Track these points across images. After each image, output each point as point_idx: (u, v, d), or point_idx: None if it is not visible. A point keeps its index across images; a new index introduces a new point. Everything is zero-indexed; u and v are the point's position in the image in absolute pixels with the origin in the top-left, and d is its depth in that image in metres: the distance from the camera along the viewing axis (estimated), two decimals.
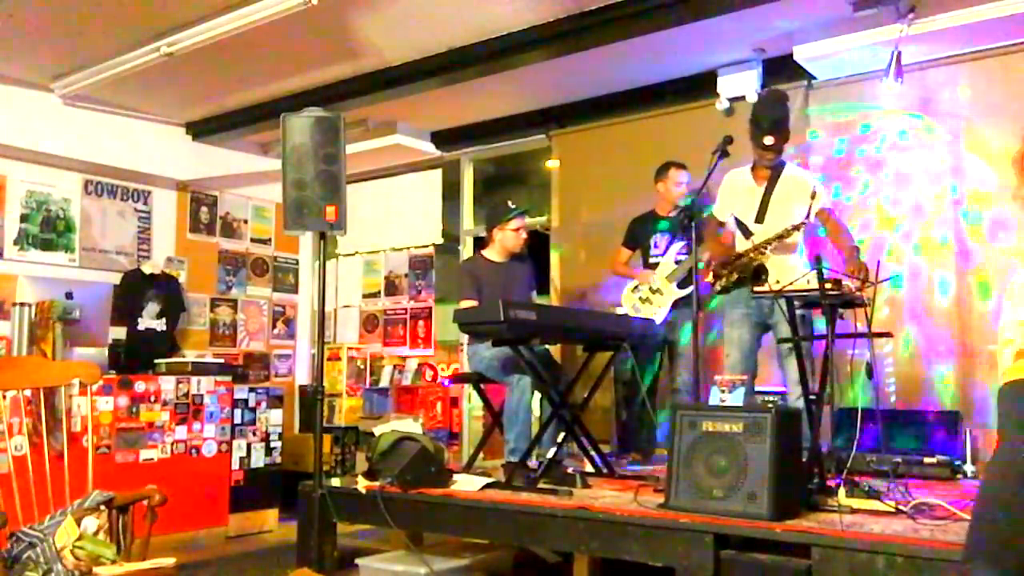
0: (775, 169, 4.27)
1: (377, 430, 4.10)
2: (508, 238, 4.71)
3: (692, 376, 4.86)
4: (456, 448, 6.35)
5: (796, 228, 4.03)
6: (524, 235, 4.77)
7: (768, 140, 4.16)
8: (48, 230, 6.16)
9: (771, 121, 4.19)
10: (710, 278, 4.18)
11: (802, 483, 3.22)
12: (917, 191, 4.86)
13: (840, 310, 3.47)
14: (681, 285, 4.89)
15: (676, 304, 4.90)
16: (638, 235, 5.19)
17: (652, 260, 5.06)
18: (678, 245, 4.97)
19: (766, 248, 4.07)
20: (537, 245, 5.85)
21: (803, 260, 4.21)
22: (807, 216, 4.02)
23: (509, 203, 4.76)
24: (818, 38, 4.73)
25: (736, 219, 4.35)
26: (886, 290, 4.64)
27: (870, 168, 5.02)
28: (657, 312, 4.88)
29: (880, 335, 3.78)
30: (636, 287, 5.03)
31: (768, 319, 4.20)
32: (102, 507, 2.81)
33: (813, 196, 4.04)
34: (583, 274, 5.98)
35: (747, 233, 4.25)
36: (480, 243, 6.86)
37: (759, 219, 4.23)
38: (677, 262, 4.92)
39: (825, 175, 5.04)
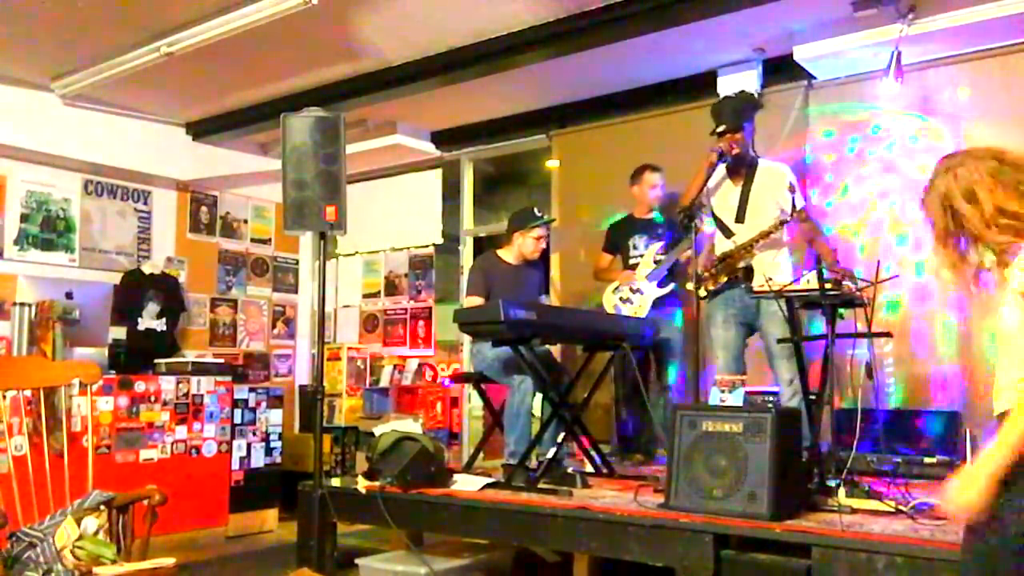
0: (750, 166, 4.26)
1: (377, 430, 4.10)
2: (527, 244, 4.71)
3: (681, 374, 4.91)
4: (456, 448, 6.35)
5: (782, 224, 4.00)
6: (543, 245, 4.77)
7: (719, 128, 4.17)
8: (48, 230, 6.16)
9: (716, 114, 4.25)
10: (690, 286, 4.14)
11: (802, 483, 3.23)
12: (917, 191, 4.83)
13: (840, 310, 3.47)
14: (661, 284, 4.93)
15: (656, 303, 4.92)
16: (617, 239, 5.25)
17: (632, 262, 5.10)
18: (656, 245, 5.02)
19: (753, 247, 4.06)
20: None
21: (790, 258, 4.22)
22: (792, 210, 3.99)
23: (536, 210, 4.77)
24: (818, 38, 4.73)
25: (716, 219, 4.34)
26: (886, 290, 4.64)
27: (869, 168, 5.00)
28: (638, 311, 4.91)
29: (880, 335, 3.78)
30: (616, 288, 5.08)
31: (754, 321, 4.19)
32: (102, 507, 2.81)
33: (792, 189, 4.02)
34: (583, 274, 5.97)
35: (728, 233, 4.24)
36: (480, 243, 6.90)
37: (739, 218, 4.22)
38: (656, 262, 4.96)
39: (826, 175, 5.05)
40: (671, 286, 4.96)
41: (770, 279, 3.68)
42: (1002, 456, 1.77)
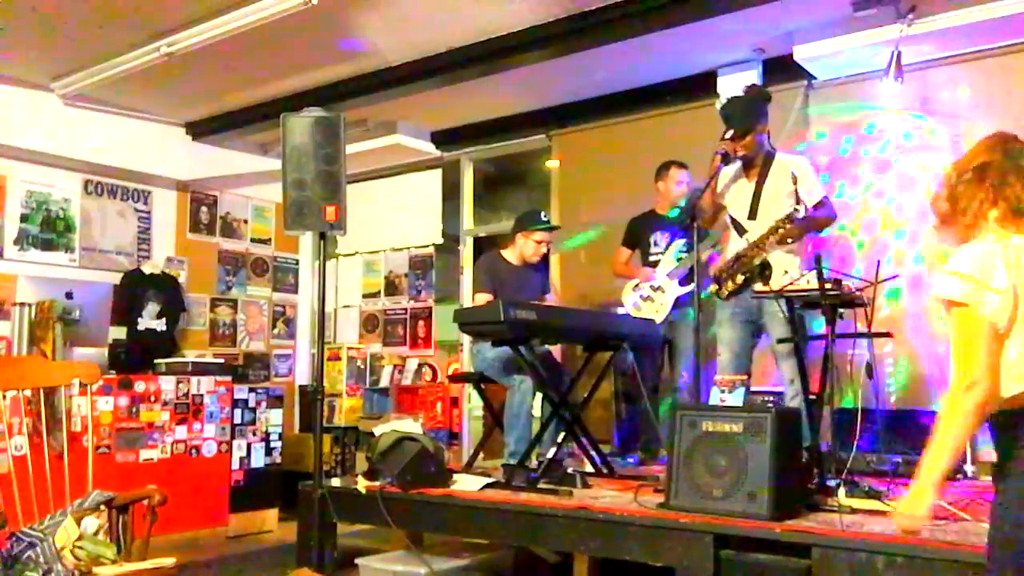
0: (765, 163, 4.20)
1: (377, 430, 4.09)
2: (528, 247, 4.71)
3: (692, 376, 4.88)
4: (456, 448, 6.35)
5: (789, 219, 3.93)
6: (544, 249, 4.76)
7: (727, 134, 4.08)
8: (48, 230, 6.16)
9: (726, 117, 4.17)
10: (713, 288, 4.13)
11: (802, 483, 3.23)
12: (917, 191, 4.86)
13: (840, 310, 3.47)
14: (683, 283, 4.89)
15: (678, 302, 4.89)
16: (638, 234, 5.16)
17: (652, 258, 5.05)
18: (679, 243, 4.95)
19: (764, 243, 4.02)
20: None
21: (798, 258, 4.19)
22: (796, 202, 3.94)
23: (542, 214, 4.76)
24: (818, 38, 4.73)
25: (730, 217, 4.31)
26: (886, 290, 4.64)
27: (870, 168, 5.02)
28: (659, 310, 4.87)
29: (880, 335, 3.77)
30: (637, 285, 5.00)
31: (758, 319, 4.17)
32: (102, 507, 2.81)
33: (795, 180, 3.94)
34: (583, 274, 5.98)
35: (741, 231, 4.21)
36: (480, 243, 6.90)
37: (751, 215, 4.18)
38: (678, 260, 4.91)
39: (826, 175, 5.05)
40: (693, 285, 4.92)
41: (786, 272, 3.65)
42: (939, 464, 1.91)
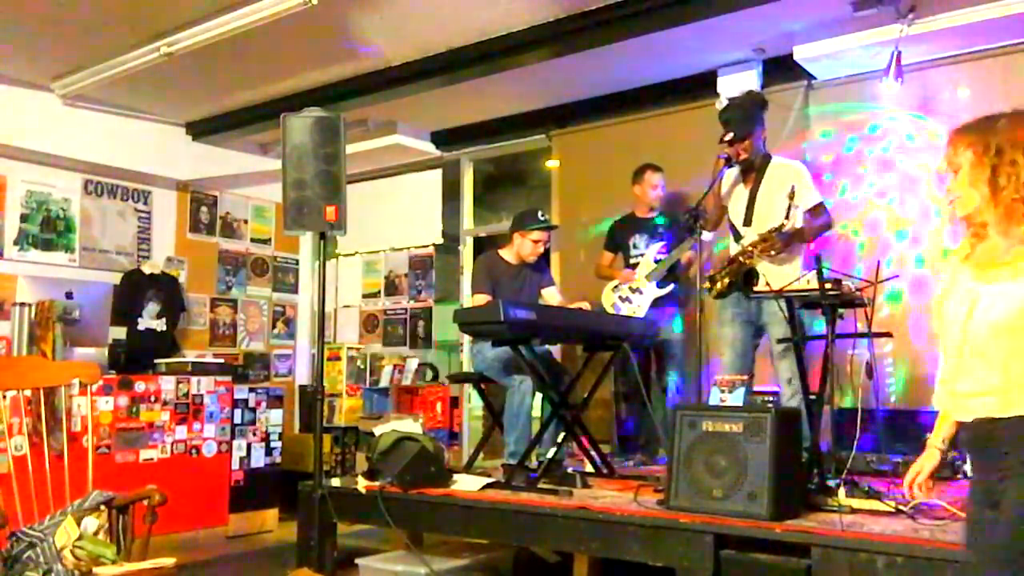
0: (761, 168, 4.23)
1: (377, 430, 4.10)
2: (525, 246, 4.71)
3: (681, 376, 4.91)
4: (456, 448, 6.35)
5: (776, 231, 3.93)
6: (541, 249, 4.77)
7: (726, 137, 4.12)
8: (48, 230, 6.16)
9: (725, 122, 4.19)
10: (707, 284, 4.14)
11: (802, 483, 3.23)
12: (916, 190, 4.86)
13: (840, 310, 3.47)
14: (660, 284, 4.93)
15: (656, 303, 4.92)
16: (618, 238, 5.26)
17: (632, 260, 5.12)
18: (657, 245, 5.04)
19: (753, 252, 4.01)
20: None
21: (801, 268, 4.19)
22: (786, 216, 3.93)
23: (539, 214, 4.76)
24: (818, 38, 4.73)
25: (730, 222, 4.34)
26: (887, 290, 4.64)
27: (869, 168, 5.01)
28: (637, 311, 4.92)
29: (880, 335, 3.77)
30: (616, 286, 5.10)
31: (758, 320, 4.18)
32: (102, 507, 2.81)
33: (792, 196, 3.94)
34: (583, 274, 5.97)
35: (737, 236, 4.24)
36: (480, 243, 6.90)
37: (747, 221, 4.21)
38: (656, 261, 4.96)
39: (826, 174, 5.05)
40: (671, 286, 4.97)
41: (767, 284, 3.67)
42: None
